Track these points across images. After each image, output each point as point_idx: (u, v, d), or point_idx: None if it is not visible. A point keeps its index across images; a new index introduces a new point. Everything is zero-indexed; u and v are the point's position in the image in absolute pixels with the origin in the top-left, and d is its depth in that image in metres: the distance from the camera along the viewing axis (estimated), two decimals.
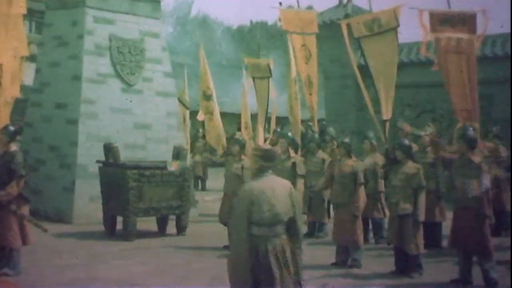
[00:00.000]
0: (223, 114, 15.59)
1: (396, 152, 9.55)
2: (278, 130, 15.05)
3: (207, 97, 15.05)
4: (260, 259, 5.82)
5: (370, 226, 11.93)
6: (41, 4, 17.45)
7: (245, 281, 5.81)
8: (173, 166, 12.28)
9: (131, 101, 14.62)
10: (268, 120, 15.56)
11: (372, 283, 9.01)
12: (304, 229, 10.92)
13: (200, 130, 19.30)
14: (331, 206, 11.17)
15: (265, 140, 14.74)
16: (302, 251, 6.08)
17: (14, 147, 9.16)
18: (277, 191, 5.92)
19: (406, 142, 9.81)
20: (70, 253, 10.59)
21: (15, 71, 10.29)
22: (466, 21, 10.44)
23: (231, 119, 27.81)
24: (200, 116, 15.41)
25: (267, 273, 5.82)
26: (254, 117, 15.84)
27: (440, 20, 10.46)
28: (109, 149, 12.36)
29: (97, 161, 12.60)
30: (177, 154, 12.82)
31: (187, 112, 17.57)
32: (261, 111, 15.24)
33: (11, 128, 9.20)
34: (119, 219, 12.15)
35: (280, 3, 14.99)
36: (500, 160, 11.62)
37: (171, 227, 12.58)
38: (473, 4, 11.43)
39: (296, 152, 12.34)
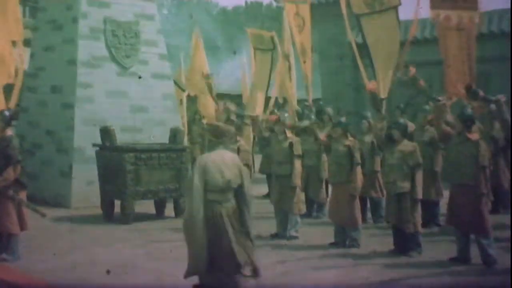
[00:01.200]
0: (218, 96, 15.52)
1: (393, 131, 9.52)
2: (275, 111, 14.93)
3: (207, 77, 15.00)
4: (214, 221, 6.65)
5: (368, 205, 11.93)
6: None
7: (201, 242, 6.57)
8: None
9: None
10: (267, 100, 15.47)
11: (371, 262, 8.99)
12: (302, 209, 10.97)
13: (198, 113, 19.19)
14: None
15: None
16: (251, 211, 6.91)
17: (10, 132, 9.13)
18: (227, 162, 6.80)
19: (403, 121, 9.81)
20: (68, 237, 10.60)
21: (11, 56, 10.24)
22: None
23: (227, 100, 27.74)
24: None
25: (220, 233, 6.65)
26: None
27: None
28: (105, 132, 12.32)
29: (94, 145, 12.57)
30: (174, 136, 12.78)
31: (184, 94, 17.50)
32: (261, 85, 15.08)
33: (7, 113, 9.16)
34: (117, 202, 12.13)
35: None
36: None
37: (169, 210, 12.58)
38: None
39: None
